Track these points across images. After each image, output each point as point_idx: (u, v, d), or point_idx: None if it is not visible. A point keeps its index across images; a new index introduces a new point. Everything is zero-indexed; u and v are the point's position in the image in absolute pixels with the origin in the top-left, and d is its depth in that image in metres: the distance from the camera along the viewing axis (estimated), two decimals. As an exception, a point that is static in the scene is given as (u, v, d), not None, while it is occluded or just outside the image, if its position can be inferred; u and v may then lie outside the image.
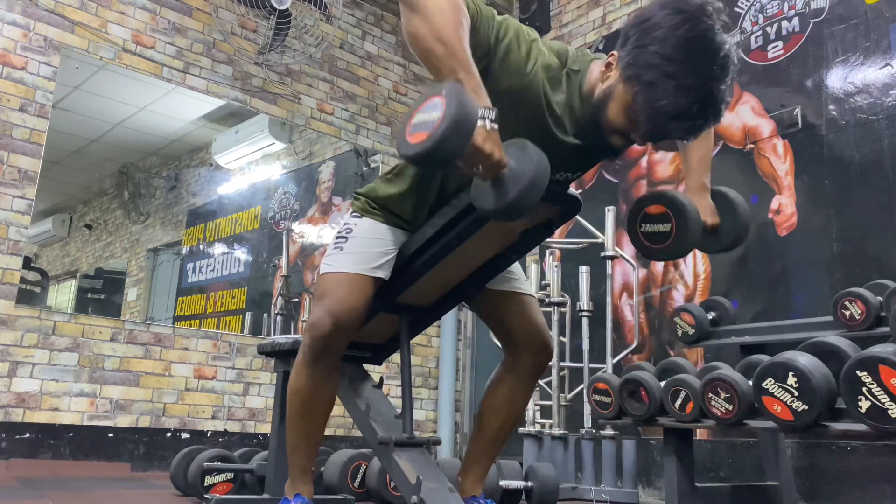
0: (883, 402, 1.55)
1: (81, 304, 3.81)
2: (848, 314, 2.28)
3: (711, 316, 2.77)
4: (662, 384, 2.11)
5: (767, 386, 1.73)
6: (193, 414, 3.69)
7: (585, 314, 3.42)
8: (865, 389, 1.57)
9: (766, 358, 1.95)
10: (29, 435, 3.21)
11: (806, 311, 2.98)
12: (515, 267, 1.76)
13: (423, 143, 1.15)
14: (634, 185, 3.94)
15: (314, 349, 1.55)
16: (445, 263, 1.59)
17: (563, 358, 3.56)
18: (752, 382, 1.81)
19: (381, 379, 1.97)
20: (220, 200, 4.28)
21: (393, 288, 1.62)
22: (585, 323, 3.41)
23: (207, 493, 2.49)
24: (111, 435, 3.43)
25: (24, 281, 3.33)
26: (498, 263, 1.68)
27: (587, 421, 3.27)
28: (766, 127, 3.38)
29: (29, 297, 3.39)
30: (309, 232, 4.49)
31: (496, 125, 1.22)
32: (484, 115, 1.20)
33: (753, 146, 3.40)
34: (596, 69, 1.41)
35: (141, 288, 3.99)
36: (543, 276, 3.72)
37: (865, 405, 1.57)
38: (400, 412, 1.73)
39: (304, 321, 4.18)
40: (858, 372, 1.58)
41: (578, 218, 3.45)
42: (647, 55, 1.27)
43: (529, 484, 2.65)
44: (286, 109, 4.32)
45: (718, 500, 2.28)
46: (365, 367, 1.93)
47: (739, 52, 3.54)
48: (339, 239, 1.62)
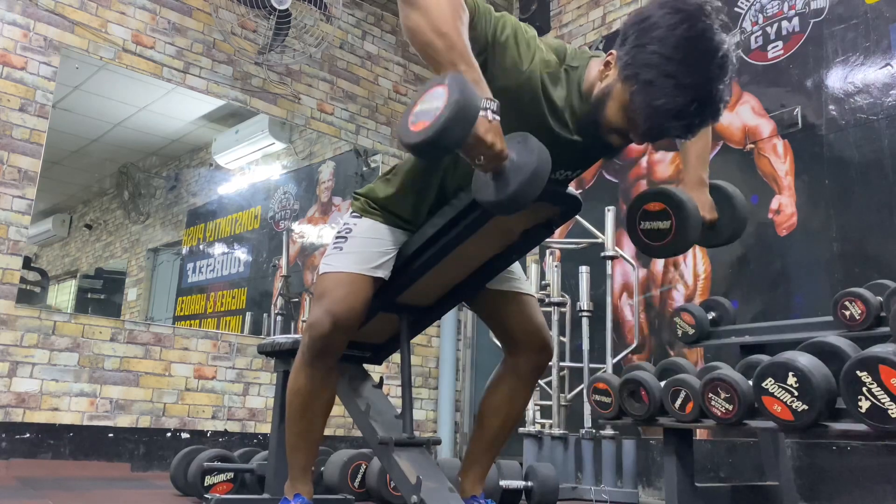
0: (883, 402, 1.55)
1: (81, 304, 3.81)
2: (848, 314, 2.28)
3: (711, 316, 2.77)
4: (662, 384, 2.11)
5: (767, 386, 1.73)
6: (193, 414, 3.69)
7: (585, 314, 3.42)
8: (865, 389, 1.57)
9: (766, 358, 1.95)
10: (29, 435, 3.21)
11: (806, 311, 2.98)
12: (515, 267, 1.76)
13: (425, 130, 1.14)
14: (634, 184, 3.94)
15: (313, 349, 1.55)
16: (445, 263, 1.59)
17: (563, 358, 3.56)
18: (752, 382, 1.81)
19: (381, 379, 1.97)
20: (220, 200, 4.28)
21: (393, 288, 1.62)
22: (585, 323, 3.41)
23: (207, 493, 2.49)
24: (111, 435, 3.43)
25: (24, 281, 3.33)
26: (498, 263, 1.68)
27: (587, 421, 3.27)
28: (766, 127, 3.38)
29: (29, 296, 3.39)
30: (309, 232, 4.49)
31: (498, 116, 1.21)
32: (486, 105, 1.19)
33: (753, 146, 3.40)
34: (594, 67, 1.41)
35: (141, 288, 3.99)
36: (543, 276, 3.72)
37: (865, 405, 1.57)
38: (400, 412, 1.73)
39: (303, 321, 4.17)
40: (858, 372, 1.58)
41: (578, 218, 3.45)
42: (645, 54, 1.27)
43: (529, 484, 2.65)
44: (286, 109, 4.32)
45: (718, 500, 2.28)
46: (365, 367, 1.93)
47: (739, 51, 3.54)
48: (338, 239, 1.62)
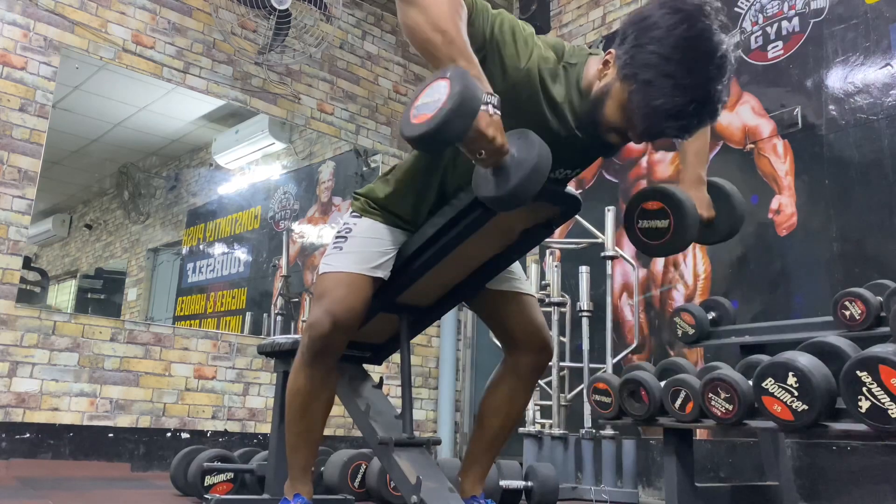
0: (883, 402, 1.55)
1: (81, 304, 3.81)
2: (848, 314, 2.28)
3: (711, 316, 2.77)
4: (662, 384, 2.11)
5: (767, 386, 1.73)
6: (193, 414, 3.69)
7: (585, 314, 3.41)
8: (865, 389, 1.57)
9: (766, 358, 1.95)
10: (29, 435, 3.21)
11: (806, 311, 2.98)
12: (515, 267, 1.75)
13: (427, 123, 1.15)
14: (634, 184, 3.94)
15: (313, 349, 1.55)
16: (445, 263, 1.59)
17: (563, 358, 3.56)
18: (752, 382, 1.81)
19: (381, 379, 1.97)
20: (220, 200, 4.28)
21: (393, 288, 1.62)
22: (585, 323, 3.41)
23: (207, 493, 2.49)
24: (111, 435, 3.43)
25: (24, 281, 3.33)
26: (498, 263, 1.68)
27: (587, 421, 3.27)
28: (766, 127, 3.38)
29: (29, 296, 3.39)
30: (309, 232, 4.49)
31: (498, 111, 1.21)
32: (487, 100, 1.19)
33: (753, 146, 3.40)
34: (593, 65, 1.41)
35: (141, 288, 3.99)
36: (543, 276, 3.72)
37: (865, 405, 1.57)
38: (400, 412, 1.72)
39: (303, 321, 4.17)
40: (858, 372, 1.58)
41: (578, 218, 3.45)
42: (644, 54, 1.27)
43: (529, 484, 2.65)
44: (286, 109, 4.32)
45: (718, 500, 2.28)
46: (365, 367, 1.93)
47: (739, 52, 3.54)
48: (338, 239, 1.62)
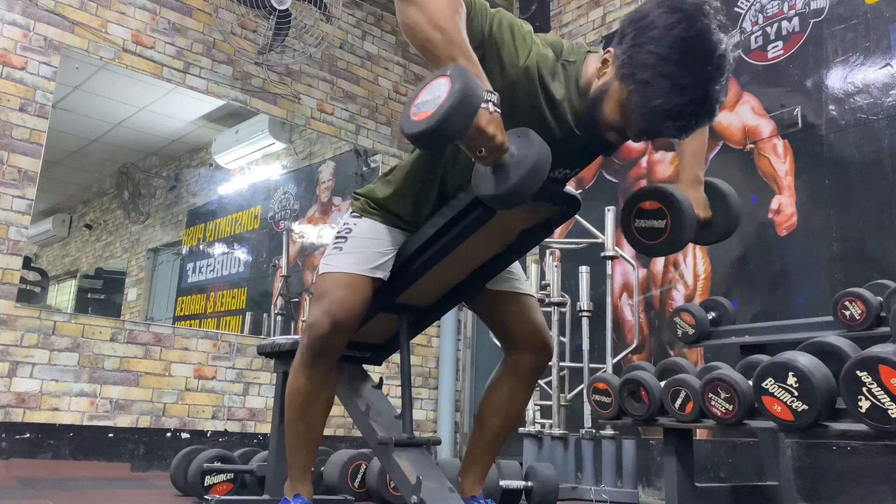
0: (883, 402, 1.55)
1: (81, 304, 3.81)
2: (848, 314, 2.28)
3: (711, 316, 2.77)
4: (662, 384, 2.11)
5: (767, 386, 1.73)
6: (193, 414, 3.69)
7: (585, 314, 3.41)
8: (865, 389, 1.57)
9: (766, 358, 1.95)
10: (29, 435, 3.21)
11: (806, 311, 2.98)
12: (515, 267, 1.75)
13: (427, 120, 1.15)
14: (634, 184, 3.93)
15: (312, 349, 1.55)
16: (445, 263, 1.59)
17: (563, 358, 3.56)
18: (752, 382, 1.81)
19: (380, 379, 1.97)
20: (220, 200, 4.28)
21: (392, 288, 1.62)
22: (585, 323, 3.41)
23: (207, 493, 2.49)
24: (111, 435, 3.43)
25: (24, 281, 3.33)
26: (497, 263, 1.67)
27: (587, 421, 3.27)
28: (766, 127, 3.37)
29: (29, 296, 3.39)
30: (309, 232, 4.49)
31: (498, 109, 1.22)
32: (487, 97, 1.19)
33: (753, 146, 3.40)
34: (592, 63, 1.40)
35: (141, 288, 3.99)
36: (543, 276, 3.72)
37: (865, 405, 1.57)
38: (400, 412, 1.72)
39: (303, 321, 4.17)
40: (858, 372, 1.58)
41: (578, 218, 3.45)
42: (642, 54, 1.27)
43: (529, 484, 2.65)
44: (286, 109, 4.32)
45: (718, 500, 2.28)
46: (365, 367, 1.93)
47: (739, 52, 3.54)
48: (338, 239, 1.62)
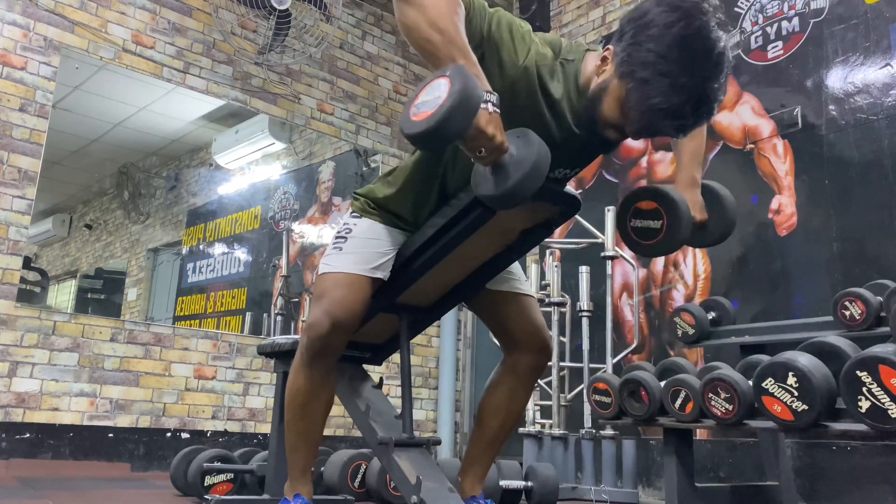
0: (883, 402, 1.55)
1: (81, 304, 3.81)
2: (848, 314, 2.28)
3: (711, 316, 2.77)
4: (662, 384, 2.11)
5: (767, 386, 1.73)
6: (193, 414, 3.69)
7: (585, 314, 3.41)
8: (865, 389, 1.57)
9: (766, 358, 1.95)
10: (29, 435, 3.21)
11: (806, 311, 2.98)
12: (515, 267, 1.75)
13: (427, 120, 1.15)
14: (634, 184, 3.93)
15: (312, 349, 1.55)
16: (445, 263, 1.59)
17: (563, 358, 3.56)
18: (752, 382, 1.81)
19: (380, 379, 1.97)
20: (220, 200, 4.28)
21: (392, 288, 1.62)
22: (585, 323, 3.40)
23: (207, 493, 2.49)
24: (111, 435, 3.43)
25: (24, 281, 3.33)
26: (497, 263, 1.67)
27: (587, 421, 3.27)
28: (766, 127, 3.37)
29: (29, 296, 3.39)
30: (309, 232, 4.49)
31: (498, 109, 1.22)
32: (486, 98, 1.20)
33: (753, 146, 3.40)
34: (591, 62, 1.41)
35: (141, 288, 3.99)
36: (543, 276, 3.72)
37: (865, 405, 1.57)
38: (400, 412, 1.72)
39: (303, 321, 4.17)
40: (858, 372, 1.58)
41: (578, 218, 3.45)
42: (642, 52, 1.27)
43: (529, 484, 2.65)
44: (286, 109, 4.32)
45: (718, 500, 2.28)
46: (365, 367, 1.93)
47: (739, 51, 3.54)
48: (338, 239, 1.62)
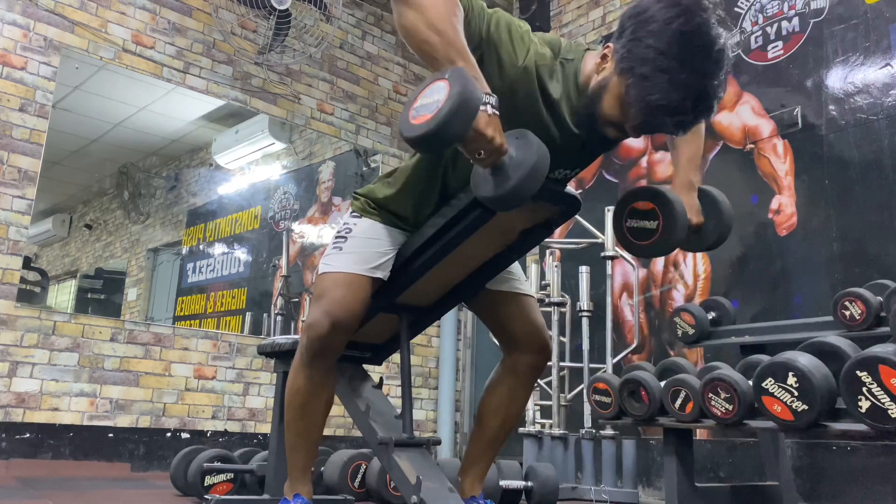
0: (883, 402, 1.55)
1: (81, 304, 3.81)
2: (848, 314, 2.28)
3: (711, 316, 2.77)
4: (662, 384, 2.11)
5: (767, 386, 1.73)
6: (193, 414, 3.69)
7: (585, 314, 3.41)
8: (865, 389, 1.57)
9: (766, 358, 1.95)
10: (29, 435, 3.21)
11: (806, 311, 2.98)
12: (515, 267, 1.75)
13: (426, 124, 1.15)
14: (634, 184, 3.93)
15: (312, 349, 1.55)
16: (445, 263, 1.59)
17: (563, 358, 3.56)
18: (752, 382, 1.81)
19: (380, 379, 1.97)
20: (220, 200, 4.28)
21: (392, 288, 1.62)
22: (585, 323, 3.40)
23: (207, 493, 2.49)
24: (111, 435, 3.43)
25: (24, 281, 3.33)
26: (497, 263, 1.68)
27: (587, 421, 3.27)
28: (766, 127, 3.37)
29: (29, 296, 3.39)
30: (309, 232, 4.49)
31: (497, 111, 1.22)
32: (485, 100, 1.20)
33: (753, 146, 3.40)
34: (591, 60, 1.41)
35: (141, 288, 3.99)
36: (543, 276, 3.72)
37: (865, 405, 1.57)
38: (400, 412, 1.72)
39: (303, 321, 4.17)
40: (858, 372, 1.58)
41: (578, 218, 3.45)
42: (641, 48, 1.27)
43: (529, 484, 2.65)
44: (286, 109, 4.32)
45: (718, 500, 2.28)
46: (365, 367, 1.93)
47: (739, 51, 3.54)
48: (338, 239, 1.62)
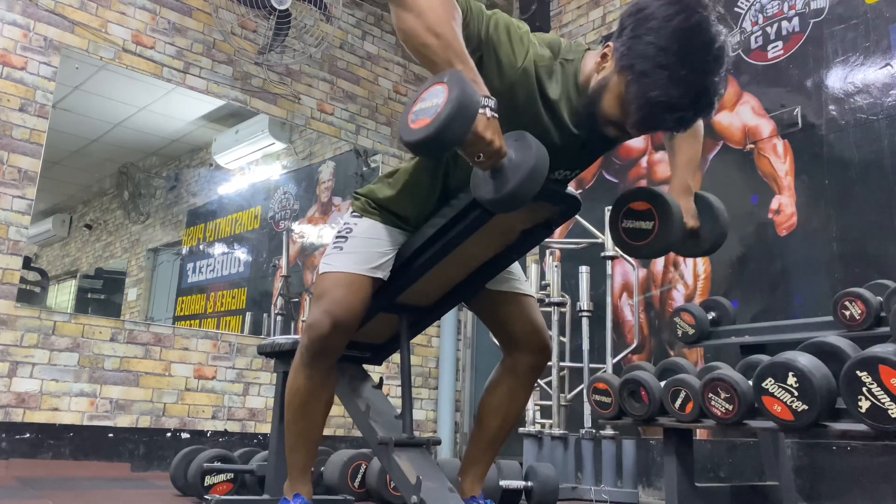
0: (883, 402, 1.55)
1: (81, 304, 3.81)
2: (848, 314, 2.28)
3: (711, 316, 2.77)
4: (662, 384, 2.11)
5: (767, 386, 1.73)
6: (193, 414, 3.69)
7: (585, 314, 3.41)
8: (865, 389, 1.57)
9: (766, 358, 1.95)
10: (29, 435, 3.21)
11: (806, 311, 2.98)
12: (515, 267, 1.75)
13: (425, 128, 1.15)
14: (634, 184, 3.93)
15: (312, 349, 1.55)
16: (445, 263, 1.59)
17: (563, 358, 3.56)
18: (752, 382, 1.81)
19: (381, 379, 1.97)
20: (220, 200, 4.28)
21: (392, 288, 1.62)
22: (585, 323, 3.40)
23: (207, 493, 2.49)
24: (111, 435, 3.43)
25: (24, 281, 3.33)
26: (497, 263, 1.68)
27: (587, 421, 3.27)
28: (766, 127, 3.37)
29: (29, 297, 3.39)
30: (309, 232, 4.49)
31: (496, 114, 1.22)
32: (484, 103, 1.20)
33: (753, 146, 3.40)
34: (591, 60, 1.41)
35: (141, 288, 3.99)
36: (543, 276, 3.72)
37: (865, 405, 1.57)
38: (400, 412, 1.72)
39: (303, 321, 4.17)
40: (858, 372, 1.59)
41: (578, 218, 3.45)
42: (641, 45, 1.27)
43: (529, 484, 2.65)
44: (286, 109, 4.32)
45: (718, 500, 2.28)
46: (365, 367, 1.93)
47: (738, 50, 3.54)
48: (338, 239, 1.62)
